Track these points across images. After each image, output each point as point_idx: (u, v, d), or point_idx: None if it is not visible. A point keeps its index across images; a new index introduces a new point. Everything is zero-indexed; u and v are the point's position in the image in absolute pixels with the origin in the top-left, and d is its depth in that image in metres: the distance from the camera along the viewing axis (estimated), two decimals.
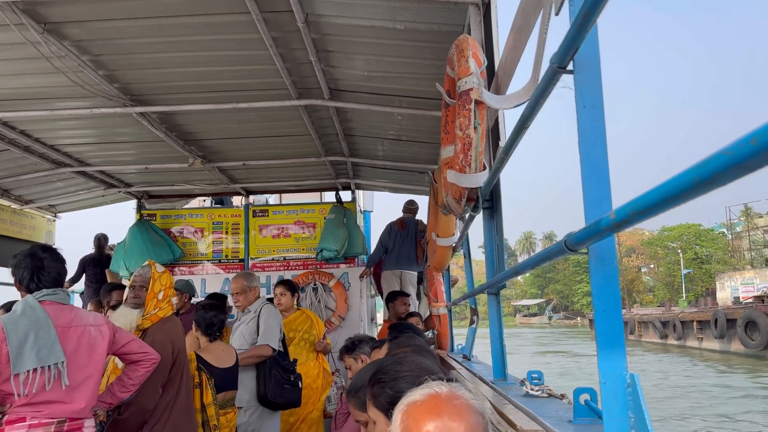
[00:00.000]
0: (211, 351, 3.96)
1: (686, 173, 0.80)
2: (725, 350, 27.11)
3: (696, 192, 0.79)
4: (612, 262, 1.32)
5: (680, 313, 34.76)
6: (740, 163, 0.69)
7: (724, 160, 0.71)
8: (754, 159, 0.66)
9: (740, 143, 0.68)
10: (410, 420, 1.11)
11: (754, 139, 0.65)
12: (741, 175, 0.71)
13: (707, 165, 0.74)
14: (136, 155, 6.30)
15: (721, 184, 0.75)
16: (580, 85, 1.40)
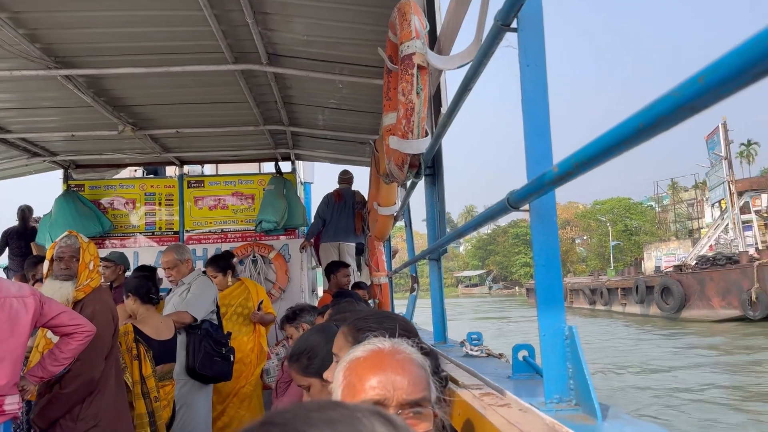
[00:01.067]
0: (149, 323, 3.85)
1: (630, 120, 0.81)
2: (645, 314, 29.48)
3: (639, 138, 0.80)
4: (552, 218, 1.35)
5: (607, 281, 37.27)
6: (687, 103, 0.70)
7: (670, 102, 0.72)
8: (701, 98, 0.67)
9: (688, 84, 0.69)
10: (353, 376, 1.10)
11: (701, 78, 0.66)
12: (686, 116, 0.72)
13: (652, 109, 0.75)
14: (61, 122, 5.96)
15: (665, 128, 0.76)
16: (523, 43, 1.40)
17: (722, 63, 0.62)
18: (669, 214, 62.78)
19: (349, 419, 0.49)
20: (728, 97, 0.65)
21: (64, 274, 3.19)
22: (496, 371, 1.96)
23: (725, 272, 24.43)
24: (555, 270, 1.36)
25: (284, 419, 0.49)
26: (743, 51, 0.59)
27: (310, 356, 1.94)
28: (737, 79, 0.61)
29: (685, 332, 21.42)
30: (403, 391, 1.05)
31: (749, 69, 0.59)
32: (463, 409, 1.46)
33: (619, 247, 67.75)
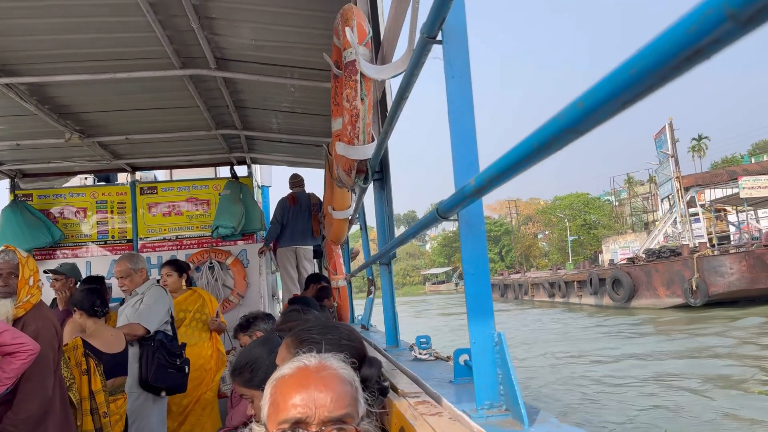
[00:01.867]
0: (99, 336, 3.77)
1: (527, 140, 0.84)
2: (599, 304, 31.35)
3: (538, 155, 0.83)
4: (480, 227, 1.37)
5: (564, 275, 39.09)
6: (571, 126, 0.72)
7: (557, 125, 0.74)
8: (583, 122, 0.70)
9: (569, 108, 0.71)
10: (278, 394, 1.10)
11: (580, 103, 0.69)
12: (573, 138, 0.75)
13: (543, 131, 0.78)
14: (5, 131, 5.76)
15: (557, 148, 0.79)
16: (448, 55, 1.42)
17: (597, 89, 0.65)
18: (625, 208, 64.83)
19: None
20: (606, 121, 0.68)
21: (3, 292, 3.09)
22: (441, 375, 1.99)
23: (669, 264, 25.96)
24: (484, 277, 1.39)
25: None
26: (613, 78, 0.61)
27: (252, 369, 1.93)
28: (611, 104, 0.63)
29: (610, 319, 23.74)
30: (325, 408, 1.06)
31: (618, 96, 0.62)
32: (398, 419, 1.48)
33: (579, 241, 69.53)
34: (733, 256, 23.72)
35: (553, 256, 76.92)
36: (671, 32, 0.53)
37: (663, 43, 0.55)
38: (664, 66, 0.57)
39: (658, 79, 0.59)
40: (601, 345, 16.78)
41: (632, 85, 0.61)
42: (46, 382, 3.03)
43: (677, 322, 20.99)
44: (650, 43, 0.56)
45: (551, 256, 77.56)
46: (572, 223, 71.07)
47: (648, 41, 0.58)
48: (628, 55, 0.61)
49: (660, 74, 0.58)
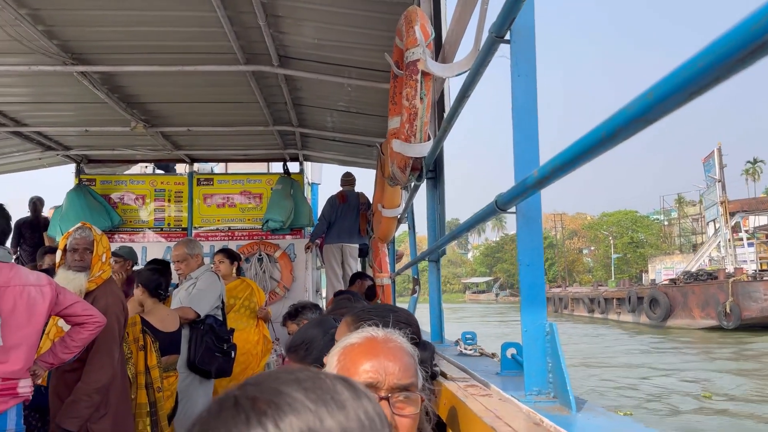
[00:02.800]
0: (156, 314, 3.94)
1: (595, 131, 0.89)
2: (636, 321, 32.54)
3: (604, 145, 0.88)
4: (537, 220, 1.42)
5: (604, 291, 40.76)
6: (640, 116, 0.78)
7: (626, 115, 0.80)
8: (652, 112, 0.75)
9: (639, 98, 0.77)
10: (347, 360, 1.18)
11: (650, 93, 0.74)
12: (641, 128, 0.80)
13: (612, 121, 0.83)
14: (75, 117, 6.09)
15: (624, 138, 0.84)
16: (515, 54, 1.48)
17: (667, 80, 0.70)
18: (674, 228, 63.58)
19: (314, 379, 0.58)
20: (673, 111, 0.73)
21: (78, 266, 3.28)
22: (486, 368, 2.04)
23: (705, 286, 27.19)
24: (538, 269, 1.44)
25: (259, 380, 0.58)
26: (682, 71, 0.67)
27: (307, 348, 2.02)
28: (679, 95, 0.69)
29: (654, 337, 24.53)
30: (394, 376, 1.13)
31: (687, 87, 0.67)
32: (448, 398, 1.54)
33: (625, 259, 68.31)
34: (767, 283, 24.62)
35: (597, 272, 75.70)
36: (738, 29, 0.58)
37: (730, 38, 0.60)
38: (730, 59, 0.62)
39: (724, 71, 0.64)
40: (636, 359, 17.26)
41: (700, 77, 0.66)
42: (114, 354, 3.21)
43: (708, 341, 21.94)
44: (719, 39, 0.62)
45: (595, 273, 76.39)
46: (618, 241, 69.85)
47: (716, 37, 0.63)
48: (698, 49, 0.67)
49: (726, 67, 0.63)
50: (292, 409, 0.54)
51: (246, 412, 0.54)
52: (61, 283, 3.19)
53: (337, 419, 0.55)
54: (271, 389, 0.56)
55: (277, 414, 0.53)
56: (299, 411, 0.54)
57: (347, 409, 0.56)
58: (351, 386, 0.60)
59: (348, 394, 0.58)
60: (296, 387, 0.56)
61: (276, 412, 0.53)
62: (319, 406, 0.55)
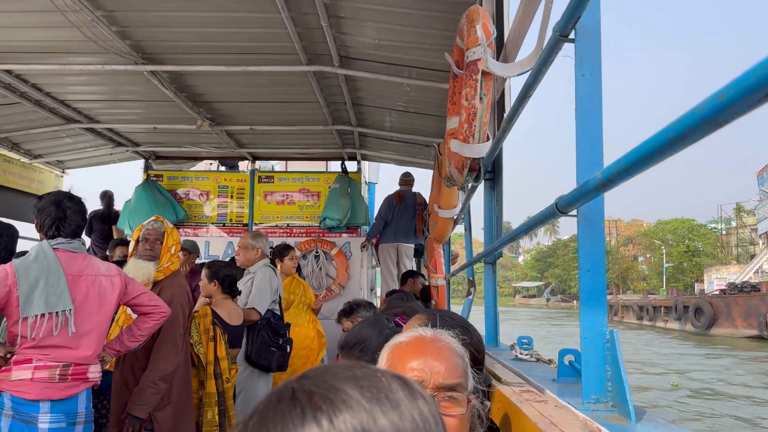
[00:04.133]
0: (224, 307, 4.05)
1: (662, 132, 0.86)
2: (682, 329, 33.73)
3: (672, 148, 0.85)
4: (599, 223, 1.38)
5: (653, 299, 42.15)
6: (709, 118, 0.75)
7: (695, 117, 0.76)
8: (722, 113, 0.72)
9: (710, 100, 0.74)
10: (395, 358, 1.18)
11: (721, 95, 0.71)
12: (711, 130, 0.77)
13: (681, 122, 0.80)
14: (145, 114, 6.35)
15: (693, 140, 0.81)
16: (580, 54, 1.45)
17: (739, 82, 0.67)
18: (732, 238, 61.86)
19: (370, 377, 0.58)
20: (745, 114, 0.70)
21: (148, 255, 3.42)
22: (542, 374, 2.00)
23: (748, 298, 28.49)
24: (600, 274, 1.40)
25: (316, 373, 0.59)
26: (755, 72, 0.64)
27: (362, 348, 2.03)
28: (752, 96, 0.66)
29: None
30: (439, 375, 1.13)
31: (761, 89, 0.64)
32: (502, 403, 1.52)
33: (681, 268, 67.26)
34: None
35: (651, 280, 74.18)
36: None
37: None
38: None
39: None
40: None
41: None
42: (178, 344, 3.33)
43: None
44: None
45: (650, 281, 74.94)
46: (674, 249, 68.82)
47: None
48: None
49: None
50: (347, 406, 0.54)
51: (302, 406, 0.54)
52: (131, 272, 3.33)
53: (391, 418, 0.55)
54: (328, 385, 0.57)
55: (332, 410, 0.54)
56: (354, 408, 0.54)
57: (401, 409, 0.56)
58: (407, 385, 0.60)
59: (403, 394, 0.58)
60: (352, 384, 0.57)
61: (331, 408, 0.54)
62: (373, 405, 0.55)
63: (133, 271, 3.36)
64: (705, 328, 30.84)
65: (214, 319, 3.77)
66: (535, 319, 43.84)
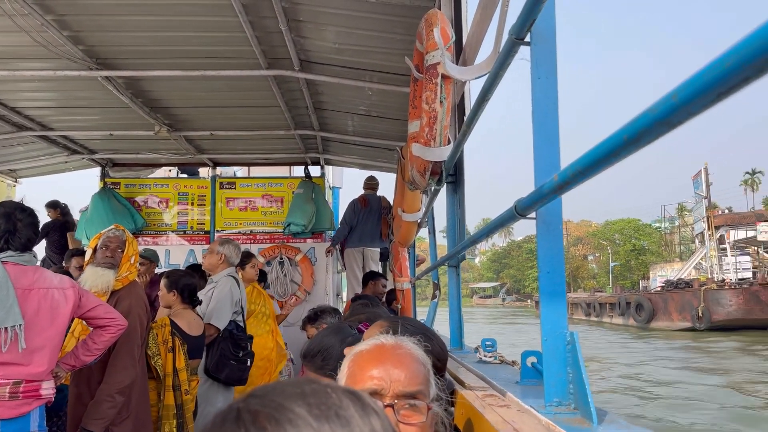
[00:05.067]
0: (184, 317, 3.95)
1: (616, 134, 0.86)
2: (625, 324, 36.41)
3: (627, 149, 0.85)
4: (557, 226, 1.38)
5: (599, 297, 45.71)
6: (663, 119, 0.74)
7: (649, 118, 0.76)
8: (675, 114, 0.72)
9: (663, 101, 0.73)
10: (356, 367, 1.16)
11: (674, 96, 0.71)
12: (664, 131, 0.77)
13: (634, 124, 0.80)
14: (100, 121, 6.18)
15: (647, 142, 0.81)
16: (535, 57, 1.45)
17: (692, 82, 0.67)
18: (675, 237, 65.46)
19: (320, 393, 0.56)
20: (698, 114, 0.69)
21: (108, 262, 3.32)
22: (506, 377, 2.00)
23: (682, 293, 31.51)
24: (559, 277, 1.40)
25: (264, 392, 0.57)
26: (707, 71, 0.63)
27: (325, 357, 1.99)
28: (705, 96, 0.65)
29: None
30: (399, 383, 1.11)
31: (714, 88, 0.64)
32: (465, 408, 1.51)
33: (628, 266, 71.29)
34: (733, 291, 28.93)
35: (600, 278, 77.75)
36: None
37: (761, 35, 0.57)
38: (760, 58, 0.58)
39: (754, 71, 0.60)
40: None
41: (728, 78, 0.63)
42: (135, 356, 3.24)
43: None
44: (748, 37, 0.58)
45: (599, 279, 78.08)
46: (621, 248, 72.73)
47: (745, 35, 0.60)
48: (725, 49, 0.63)
49: (756, 66, 0.59)
50: (293, 425, 0.52)
51: (246, 428, 0.52)
52: (90, 279, 3.23)
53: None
54: (274, 403, 0.55)
55: (277, 430, 0.51)
56: (300, 428, 0.52)
57: (352, 426, 0.54)
58: (359, 400, 0.58)
59: (354, 410, 0.56)
60: (300, 401, 0.54)
61: (276, 428, 0.52)
62: (321, 423, 0.53)
63: (92, 279, 3.27)
64: (645, 322, 33.64)
65: (173, 329, 3.68)
66: (492, 317, 47.20)
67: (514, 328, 32.92)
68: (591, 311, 43.99)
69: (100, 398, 3.13)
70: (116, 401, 3.14)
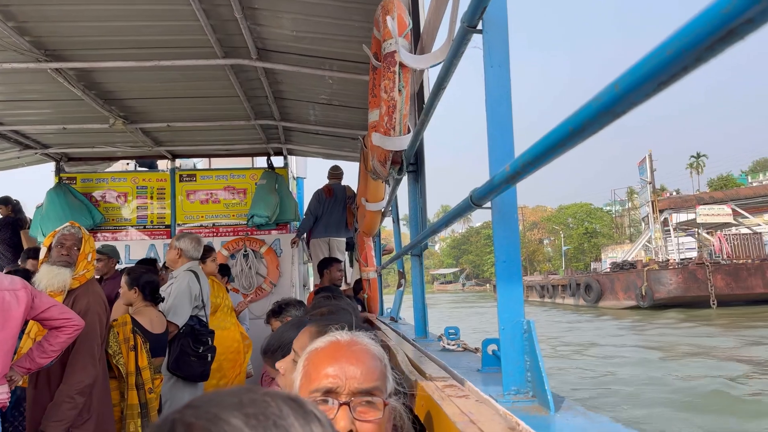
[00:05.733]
0: (145, 315, 3.88)
1: (561, 125, 0.85)
2: (576, 304, 38.36)
3: (573, 139, 0.84)
4: (512, 215, 1.38)
5: (552, 279, 48.42)
6: (607, 109, 0.74)
7: (592, 108, 0.75)
8: (619, 104, 0.71)
9: (606, 91, 0.73)
10: (310, 366, 1.14)
11: (616, 85, 0.70)
12: (609, 121, 0.76)
13: (579, 115, 0.79)
14: (52, 115, 5.98)
15: (592, 132, 0.80)
16: (488, 45, 1.43)
17: (633, 71, 0.66)
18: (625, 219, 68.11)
19: (258, 402, 0.54)
20: (641, 103, 0.69)
21: (64, 260, 3.22)
22: (468, 365, 2.00)
23: (627, 274, 33.15)
24: (515, 266, 1.40)
25: (201, 402, 0.54)
26: (648, 60, 0.63)
27: (285, 352, 1.97)
28: (646, 85, 0.65)
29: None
30: (355, 380, 1.10)
31: (655, 77, 0.63)
32: (425, 400, 1.50)
33: (581, 249, 74.49)
34: (672, 271, 30.79)
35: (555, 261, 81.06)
36: (708, 13, 0.54)
37: (699, 23, 0.56)
38: (699, 46, 0.58)
39: (693, 59, 0.60)
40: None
41: (669, 66, 0.62)
42: (95, 355, 3.16)
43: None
44: (687, 24, 0.58)
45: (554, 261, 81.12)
46: (574, 231, 75.87)
47: (685, 21, 0.59)
48: (665, 37, 0.63)
49: (695, 54, 0.59)
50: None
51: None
52: (45, 279, 3.14)
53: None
54: (210, 414, 0.53)
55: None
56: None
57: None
58: (301, 409, 0.56)
59: (294, 418, 0.54)
60: (236, 412, 0.53)
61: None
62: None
63: (47, 278, 3.17)
64: (594, 302, 35.73)
65: (135, 327, 3.60)
66: (453, 303, 48.98)
67: (474, 311, 34.22)
68: (545, 293, 46.17)
69: (60, 399, 3.05)
70: (76, 402, 3.06)
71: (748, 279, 30.58)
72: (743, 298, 30.03)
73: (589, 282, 37.10)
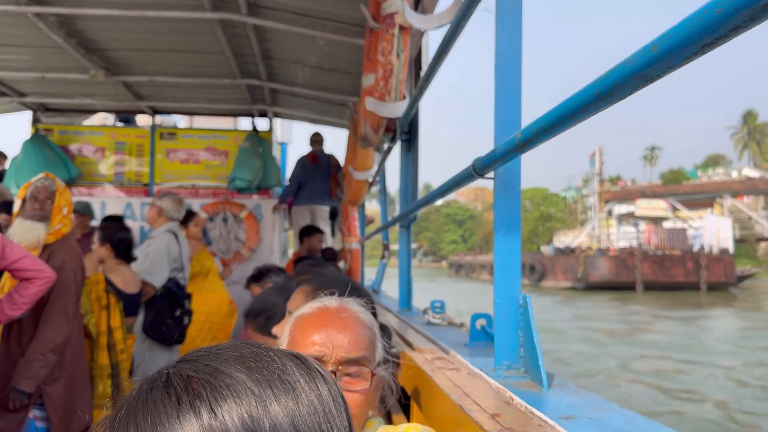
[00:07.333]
0: (119, 274, 3.79)
1: (587, 88, 0.80)
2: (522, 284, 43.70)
3: (598, 105, 0.79)
4: (516, 186, 1.34)
5: None
6: (640, 72, 0.68)
7: (625, 71, 0.70)
8: (656, 66, 0.66)
9: (641, 52, 0.67)
10: (297, 331, 1.10)
11: (654, 46, 0.65)
12: (640, 85, 0.71)
13: (608, 78, 0.74)
14: (31, 62, 5.75)
15: (621, 97, 0.75)
16: (500, 7, 1.37)
17: (675, 31, 0.61)
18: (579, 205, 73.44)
19: (261, 356, 0.50)
20: (678, 67, 0.64)
21: (38, 215, 3.11)
22: (455, 339, 1.98)
23: (566, 258, 37.82)
24: (514, 238, 1.36)
25: (198, 355, 0.50)
26: (692, 21, 0.57)
27: (268, 316, 1.93)
28: (688, 48, 0.60)
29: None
30: (342, 348, 1.06)
31: (699, 39, 0.58)
32: (414, 371, 1.47)
33: (536, 232, 77.88)
34: (606, 258, 35.50)
35: None
36: None
37: None
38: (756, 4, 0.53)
39: (747, 18, 0.55)
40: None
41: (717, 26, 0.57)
42: (69, 313, 3.08)
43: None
44: None
45: None
46: (530, 215, 78.63)
47: None
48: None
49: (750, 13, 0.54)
50: (232, 391, 0.46)
51: (178, 395, 0.46)
52: (19, 233, 3.04)
53: (284, 403, 0.47)
54: (210, 368, 0.48)
55: (214, 397, 0.46)
56: (240, 394, 0.46)
57: (297, 392, 0.49)
58: (304, 365, 0.52)
59: (299, 374, 0.50)
60: (239, 365, 0.48)
61: (213, 394, 0.46)
62: (264, 388, 0.47)
63: (20, 233, 3.07)
64: (537, 282, 40.10)
65: (108, 286, 3.52)
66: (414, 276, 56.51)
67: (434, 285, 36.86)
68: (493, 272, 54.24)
69: (31, 356, 2.98)
70: (48, 360, 3.00)
71: (672, 268, 35.32)
72: (666, 284, 34.41)
73: (534, 263, 41.13)
